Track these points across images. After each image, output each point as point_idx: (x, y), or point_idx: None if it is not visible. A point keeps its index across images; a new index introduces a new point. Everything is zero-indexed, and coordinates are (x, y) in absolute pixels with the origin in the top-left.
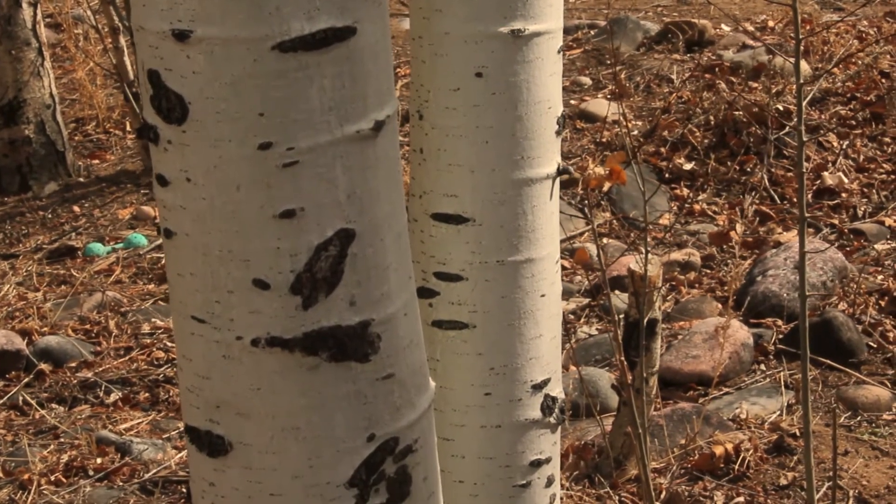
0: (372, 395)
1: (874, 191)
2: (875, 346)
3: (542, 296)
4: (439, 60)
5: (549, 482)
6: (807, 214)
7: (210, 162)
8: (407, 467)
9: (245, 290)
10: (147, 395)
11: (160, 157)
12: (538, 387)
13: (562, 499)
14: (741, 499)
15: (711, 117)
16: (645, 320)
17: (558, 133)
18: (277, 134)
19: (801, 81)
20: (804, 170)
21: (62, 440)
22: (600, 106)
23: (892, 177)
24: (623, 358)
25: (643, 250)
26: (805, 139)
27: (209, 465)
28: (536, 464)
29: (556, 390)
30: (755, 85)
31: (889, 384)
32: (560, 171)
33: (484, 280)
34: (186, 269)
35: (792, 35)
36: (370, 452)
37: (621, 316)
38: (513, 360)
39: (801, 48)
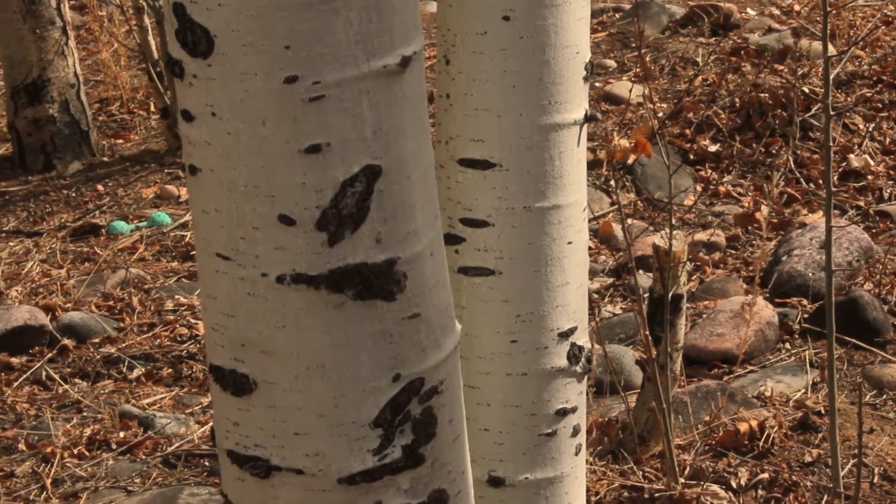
0: (398, 335)
1: None
2: None
3: (569, 243)
4: (466, 4)
5: (575, 432)
6: (833, 195)
7: (236, 96)
8: (432, 409)
9: (270, 227)
10: (170, 370)
11: (185, 93)
12: (565, 335)
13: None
14: (765, 475)
15: (737, 99)
16: (669, 295)
17: (586, 79)
18: (303, 68)
19: (829, 55)
20: (831, 150)
21: (85, 414)
22: (625, 88)
23: None
24: (648, 333)
25: (668, 228)
26: (833, 113)
27: (233, 404)
28: (562, 413)
29: (583, 339)
30: (780, 67)
31: None
32: (588, 118)
33: (510, 226)
34: (211, 205)
35: (818, 19)
36: (395, 392)
37: (646, 295)
38: (539, 308)
39: (828, 31)
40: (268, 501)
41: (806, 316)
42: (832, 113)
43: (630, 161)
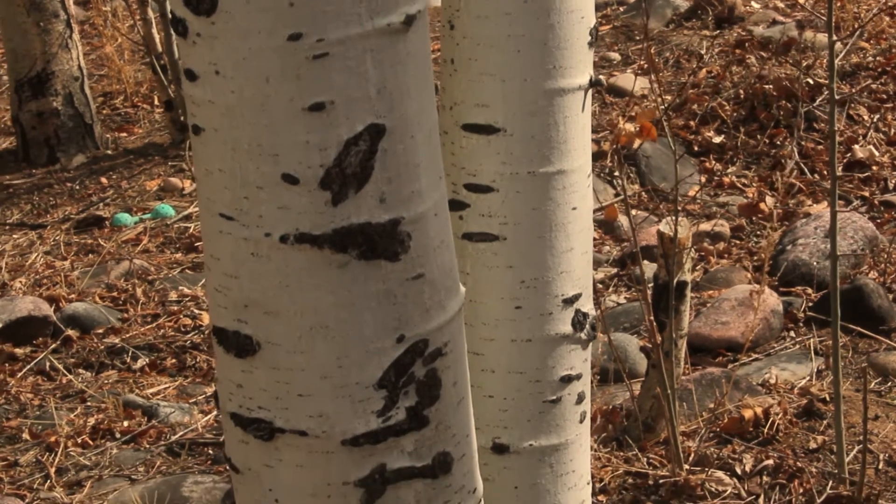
0: (402, 295)
1: None
2: None
3: (574, 209)
4: None
5: (580, 399)
6: (837, 187)
7: (239, 54)
8: (437, 370)
9: (274, 186)
10: (174, 360)
11: (189, 51)
12: (569, 301)
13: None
14: (770, 461)
15: (741, 91)
16: (674, 282)
17: (591, 44)
18: (307, 25)
19: (834, 45)
20: (835, 134)
21: (89, 404)
22: (629, 81)
23: None
24: (652, 318)
25: (672, 216)
26: (837, 98)
27: (237, 366)
28: (567, 379)
29: (588, 306)
30: (785, 60)
31: None
32: (592, 83)
33: (515, 191)
34: (215, 165)
35: (822, 12)
36: (399, 354)
37: (651, 285)
38: (543, 274)
39: (833, 19)
40: (271, 464)
41: (811, 304)
42: (837, 97)
43: (635, 146)
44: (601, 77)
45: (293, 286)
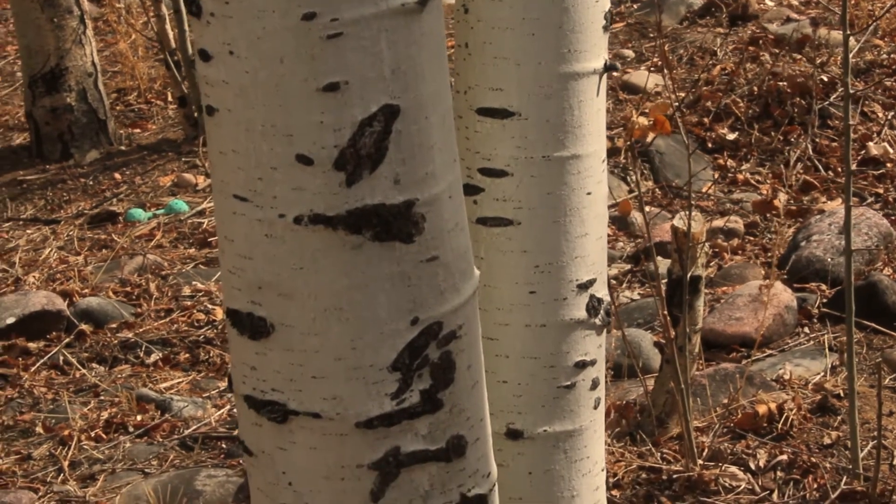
0: (416, 277)
1: None
2: None
3: (588, 193)
4: None
5: (594, 385)
6: (852, 185)
7: (253, 34)
8: (451, 353)
9: (288, 166)
10: (187, 355)
11: (203, 32)
12: (584, 286)
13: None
14: (784, 457)
15: (755, 88)
16: (688, 276)
17: (605, 28)
18: (321, 4)
19: (848, 41)
20: (850, 129)
21: (102, 398)
22: (643, 78)
23: None
24: (666, 313)
25: (686, 211)
26: (852, 92)
27: (251, 348)
28: (581, 365)
29: (602, 292)
30: (799, 57)
31: None
32: (607, 67)
33: (529, 176)
34: (229, 146)
35: (836, 10)
36: (414, 336)
37: (664, 280)
38: (558, 259)
39: (847, 17)
40: (285, 447)
41: (825, 301)
42: (851, 92)
43: (649, 139)
44: (616, 63)
45: (307, 267)
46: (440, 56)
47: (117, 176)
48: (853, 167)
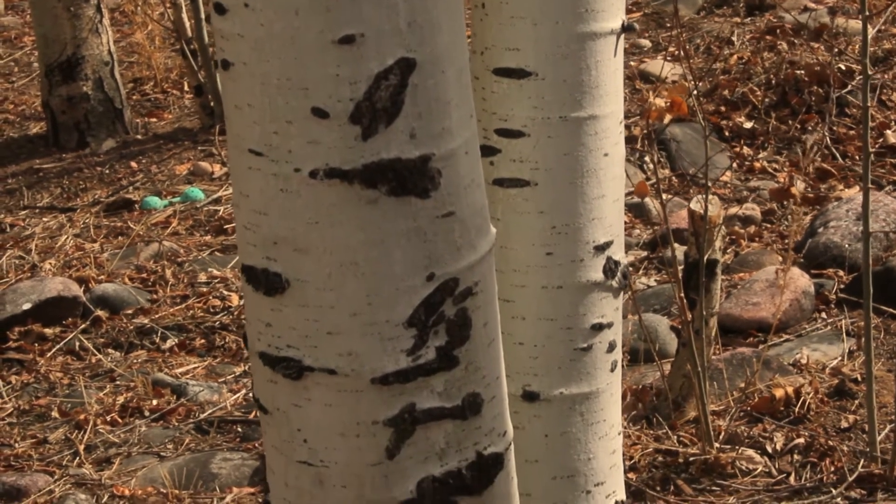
0: (432, 233)
1: None
2: None
3: (606, 155)
4: None
5: (611, 348)
6: (870, 173)
7: None
8: (467, 310)
9: (303, 120)
10: (203, 341)
11: None
12: (600, 248)
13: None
14: (801, 440)
15: (772, 77)
16: (705, 259)
17: None
18: None
19: (867, 14)
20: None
21: (118, 383)
22: (660, 67)
23: None
24: (682, 296)
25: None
26: (871, 73)
27: (266, 304)
28: (598, 327)
29: (619, 254)
30: (816, 46)
31: None
32: (624, 28)
33: (546, 136)
34: (244, 100)
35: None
36: (429, 292)
37: (681, 267)
38: (575, 220)
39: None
40: (300, 403)
41: (842, 287)
42: (870, 74)
43: (666, 121)
44: (633, 23)
45: (323, 222)
46: (456, 10)
47: (133, 164)
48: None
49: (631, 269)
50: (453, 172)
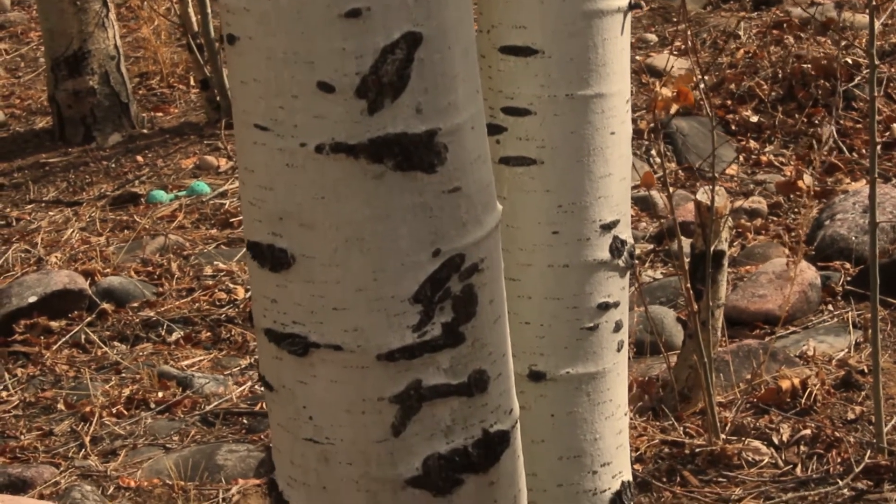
0: (438, 208)
1: None
2: None
3: (612, 133)
4: None
5: (618, 327)
6: (877, 166)
7: None
8: (473, 287)
9: (309, 94)
10: (209, 334)
11: None
12: (607, 227)
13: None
14: (808, 431)
15: (779, 70)
16: (711, 250)
17: None
18: None
19: (874, 3)
20: (875, 100)
21: (124, 375)
22: (665, 61)
23: None
24: (689, 286)
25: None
26: (877, 63)
27: (271, 280)
28: (604, 307)
29: (625, 234)
30: (823, 40)
31: None
32: (632, 5)
33: (553, 114)
34: (250, 75)
35: None
36: (436, 268)
37: (688, 260)
38: (581, 198)
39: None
40: (306, 380)
41: (849, 279)
42: (877, 63)
43: (672, 111)
44: (640, 1)
45: (329, 197)
46: None
47: (139, 158)
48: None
49: (637, 261)
50: (459, 147)
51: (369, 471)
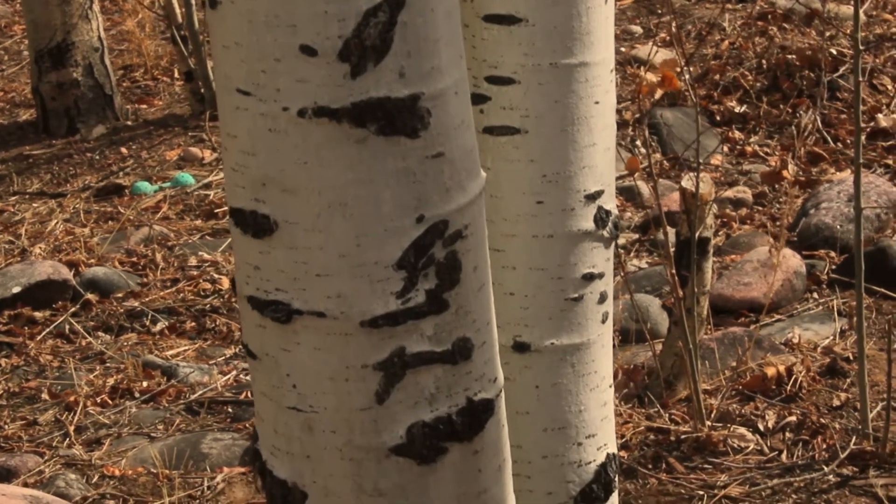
0: (421, 174)
1: None
2: None
3: (597, 103)
4: None
5: (602, 298)
6: (861, 156)
7: None
8: (457, 253)
9: (292, 58)
10: (193, 324)
11: None
12: (591, 197)
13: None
14: (793, 418)
15: (764, 61)
16: (696, 236)
17: None
18: None
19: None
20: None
21: (108, 365)
22: (649, 51)
23: None
24: (674, 272)
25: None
26: (862, 48)
27: (254, 247)
28: (589, 277)
29: (610, 204)
30: (808, 31)
31: None
32: None
33: (537, 83)
34: (231, 38)
35: None
36: (419, 234)
37: (673, 249)
38: (566, 168)
39: None
40: (289, 348)
41: (833, 267)
42: (861, 48)
43: (657, 95)
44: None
45: (311, 162)
46: None
47: (123, 150)
48: (862, 140)
49: (622, 251)
50: (443, 112)
51: (353, 439)
